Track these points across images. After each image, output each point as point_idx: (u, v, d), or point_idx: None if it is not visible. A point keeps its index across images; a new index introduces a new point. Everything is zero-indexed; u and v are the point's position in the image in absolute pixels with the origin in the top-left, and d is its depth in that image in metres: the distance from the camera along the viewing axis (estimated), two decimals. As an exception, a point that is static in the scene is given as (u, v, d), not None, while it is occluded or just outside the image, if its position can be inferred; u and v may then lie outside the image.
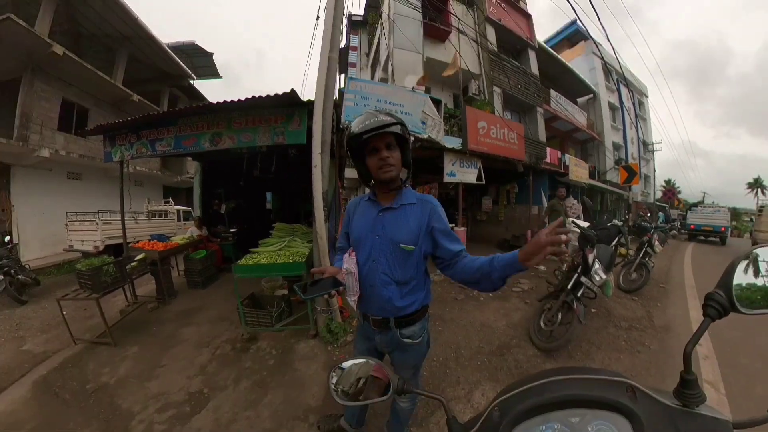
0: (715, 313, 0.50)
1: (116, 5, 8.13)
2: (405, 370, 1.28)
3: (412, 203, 1.14)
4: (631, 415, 0.44)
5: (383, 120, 1.02)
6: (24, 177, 7.54)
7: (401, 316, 1.16)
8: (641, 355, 2.60)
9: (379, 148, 1.05)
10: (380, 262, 1.13)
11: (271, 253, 3.19)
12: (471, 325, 3.14)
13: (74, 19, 8.47)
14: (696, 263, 6.93)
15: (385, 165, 1.05)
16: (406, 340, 1.19)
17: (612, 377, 0.49)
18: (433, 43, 7.41)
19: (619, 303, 3.77)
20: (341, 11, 2.86)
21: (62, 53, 7.12)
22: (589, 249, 2.80)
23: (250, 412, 1.97)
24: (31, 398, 2.19)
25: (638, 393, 0.46)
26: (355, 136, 1.03)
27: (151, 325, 3.33)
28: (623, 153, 14.25)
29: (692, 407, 0.44)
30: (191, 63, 12.21)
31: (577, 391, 0.48)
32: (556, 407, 0.47)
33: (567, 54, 13.56)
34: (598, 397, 0.46)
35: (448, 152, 5.29)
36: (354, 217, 1.25)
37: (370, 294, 1.16)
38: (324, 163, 2.76)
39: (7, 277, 4.35)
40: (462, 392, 2.12)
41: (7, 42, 6.54)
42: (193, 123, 3.32)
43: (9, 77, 7.41)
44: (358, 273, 1.16)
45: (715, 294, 0.51)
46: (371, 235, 1.15)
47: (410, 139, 1.13)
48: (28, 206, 7.51)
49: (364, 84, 4.48)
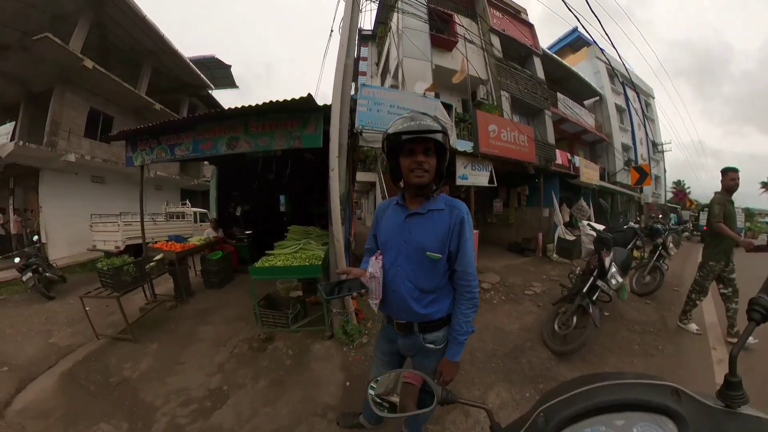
0: (760, 317, 0.51)
1: (144, 24, 8.59)
2: (427, 375, 1.26)
3: (441, 209, 1.09)
4: (676, 417, 0.44)
5: (428, 125, 0.99)
6: (51, 180, 7.88)
7: (425, 322, 1.14)
8: (655, 359, 2.54)
9: (417, 151, 1.02)
10: (405, 268, 1.10)
11: (287, 255, 3.20)
12: (485, 328, 3.10)
13: (105, 36, 8.96)
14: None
15: (418, 169, 1.02)
16: (429, 345, 1.15)
17: (657, 381, 0.50)
18: (440, 51, 7.52)
19: (632, 306, 3.68)
20: (357, 22, 2.95)
21: (92, 67, 7.54)
22: (605, 252, 2.75)
23: (269, 408, 1.98)
24: (59, 389, 2.25)
25: (683, 395, 0.46)
26: (395, 134, 1.01)
27: (169, 323, 3.39)
28: (632, 154, 13.94)
29: (735, 408, 0.45)
30: (210, 74, 12.74)
31: (622, 396, 0.48)
32: (601, 411, 0.48)
33: (571, 59, 13.47)
34: (645, 400, 0.47)
35: (460, 155, 5.27)
36: (382, 220, 1.23)
37: (393, 299, 1.14)
38: (341, 167, 2.78)
39: (36, 274, 4.51)
40: (477, 393, 2.11)
41: (44, 58, 7.02)
42: (211, 128, 3.39)
43: (42, 88, 7.88)
44: (383, 277, 1.13)
45: (760, 298, 0.52)
46: (398, 240, 1.12)
47: (447, 152, 1.09)
48: (55, 208, 7.82)
49: (377, 90, 4.53)
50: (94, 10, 7.86)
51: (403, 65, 6.81)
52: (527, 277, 5.16)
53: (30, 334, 3.22)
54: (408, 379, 0.71)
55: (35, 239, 5.62)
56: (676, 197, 24.03)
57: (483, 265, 5.57)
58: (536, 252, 6.99)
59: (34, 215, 7.83)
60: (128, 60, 10.00)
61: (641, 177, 10.17)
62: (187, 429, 1.83)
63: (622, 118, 13.87)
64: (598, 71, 12.77)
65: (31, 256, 4.71)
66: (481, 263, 5.61)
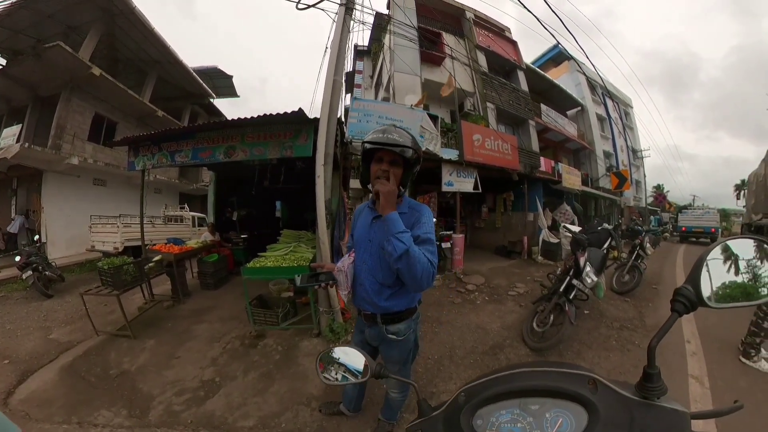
0: (683, 308, 0.48)
1: (152, 35, 8.83)
2: (392, 364, 1.33)
3: (404, 212, 1.15)
4: (588, 405, 0.45)
5: (394, 139, 1.06)
6: (54, 182, 7.90)
7: (387, 313, 1.23)
8: (630, 353, 2.61)
9: (384, 160, 1.10)
10: (369, 264, 1.21)
11: (278, 257, 3.30)
12: (466, 327, 3.19)
13: (113, 45, 9.16)
14: (687, 264, 6.90)
15: (381, 177, 1.09)
16: (391, 336, 1.25)
17: (575, 370, 0.51)
18: (429, 66, 7.80)
19: (612, 304, 3.78)
20: (345, 42, 3.14)
21: (99, 74, 7.67)
22: (580, 252, 2.83)
23: (258, 398, 2.07)
24: (59, 381, 2.31)
25: (600, 385, 0.47)
26: (365, 142, 1.11)
27: (166, 321, 3.45)
28: (614, 160, 14.35)
29: (652, 399, 0.45)
30: (212, 84, 12.89)
31: (539, 382, 0.50)
32: (518, 395, 0.49)
33: (553, 72, 13.91)
34: (558, 387, 0.48)
35: (446, 163, 5.46)
36: (358, 221, 1.34)
37: (359, 291, 1.25)
38: (327, 174, 2.91)
39: (36, 272, 4.54)
40: (453, 387, 2.18)
41: (54, 65, 7.14)
42: (210, 137, 3.51)
43: (50, 93, 7.96)
44: (353, 270, 1.25)
45: (683, 289, 0.49)
46: (365, 239, 1.23)
47: (416, 168, 1.15)
48: (57, 208, 7.83)
49: (367, 103, 4.73)
50: (105, 22, 8.07)
51: (395, 79, 7.06)
52: (512, 278, 5.26)
53: (29, 330, 3.26)
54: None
55: (36, 239, 5.62)
56: (656, 200, 24.55)
57: (470, 268, 5.68)
58: (522, 255, 7.15)
59: (36, 215, 7.82)
60: (134, 68, 10.17)
61: (620, 182, 10.53)
62: (182, 415, 1.92)
63: (603, 127, 14.27)
64: (579, 83, 13.20)
65: (31, 254, 4.74)
66: (468, 266, 5.72)
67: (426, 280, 1.02)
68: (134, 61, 9.90)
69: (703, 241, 12.22)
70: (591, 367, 0.58)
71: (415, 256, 0.99)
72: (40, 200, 7.76)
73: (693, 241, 12.46)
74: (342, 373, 0.79)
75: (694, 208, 15.62)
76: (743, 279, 0.51)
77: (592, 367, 2.35)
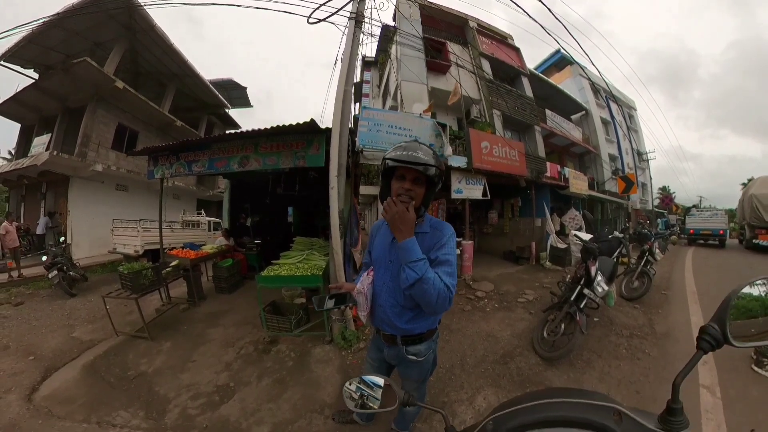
0: (708, 347, 0.48)
1: (172, 51, 9.27)
2: (409, 383, 1.30)
3: (425, 232, 1.08)
4: None
5: (418, 157, 0.98)
6: (80, 187, 8.25)
7: (408, 335, 1.17)
8: (641, 362, 2.52)
9: (406, 177, 1.02)
10: (389, 285, 1.14)
11: (291, 265, 3.29)
12: (477, 335, 3.12)
13: (135, 60, 9.62)
14: (697, 268, 6.62)
15: (404, 194, 1.02)
16: (411, 357, 1.19)
17: (601, 402, 0.51)
18: (435, 75, 7.83)
19: (621, 311, 3.66)
20: (356, 54, 3.17)
21: (122, 87, 8.05)
22: (591, 261, 2.77)
23: (272, 404, 2.05)
24: (81, 379, 2.35)
25: (624, 417, 0.47)
26: (387, 158, 1.03)
27: (182, 324, 3.48)
28: (619, 163, 14.00)
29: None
30: (227, 95, 13.30)
31: (566, 413, 0.50)
32: (545, 425, 0.50)
33: (557, 77, 13.75)
34: (585, 419, 0.48)
35: (455, 171, 5.41)
36: (376, 238, 1.26)
37: (379, 312, 1.19)
38: (340, 185, 2.91)
39: (61, 272, 4.69)
40: (465, 396, 2.13)
41: (81, 78, 7.55)
42: (225, 147, 3.59)
43: (77, 105, 8.37)
44: (372, 291, 1.19)
45: (709, 327, 0.48)
46: (386, 259, 1.16)
47: (438, 184, 1.07)
48: (81, 212, 8.16)
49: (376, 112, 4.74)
50: (128, 38, 8.48)
51: (402, 88, 7.10)
52: (521, 285, 5.14)
53: (53, 328, 3.35)
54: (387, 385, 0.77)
55: (62, 240, 5.79)
56: (663, 203, 23.73)
57: (478, 274, 5.58)
58: (530, 260, 6.98)
59: (63, 218, 8.13)
60: (155, 81, 10.60)
61: (627, 185, 10.23)
62: (197, 419, 1.91)
63: (607, 130, 13.99)
64: (583, 87, 13.01)
65: (57, 255, 4.92)
66: (477, 272, 5.61)
67: (441, 305, 0.96)
68: (155, 75, 10.33)
69: (711, 244, 11.58)
70: (603, 378, 0.60)
71: (429, 283, 0.93)
72: (66, 204, 8.11)
73: (701, 244, 11.83)
74: (370, 403, 0.77)
75: (701, 210, 14.93)
76: None
77: (602, 376, 2.31)
